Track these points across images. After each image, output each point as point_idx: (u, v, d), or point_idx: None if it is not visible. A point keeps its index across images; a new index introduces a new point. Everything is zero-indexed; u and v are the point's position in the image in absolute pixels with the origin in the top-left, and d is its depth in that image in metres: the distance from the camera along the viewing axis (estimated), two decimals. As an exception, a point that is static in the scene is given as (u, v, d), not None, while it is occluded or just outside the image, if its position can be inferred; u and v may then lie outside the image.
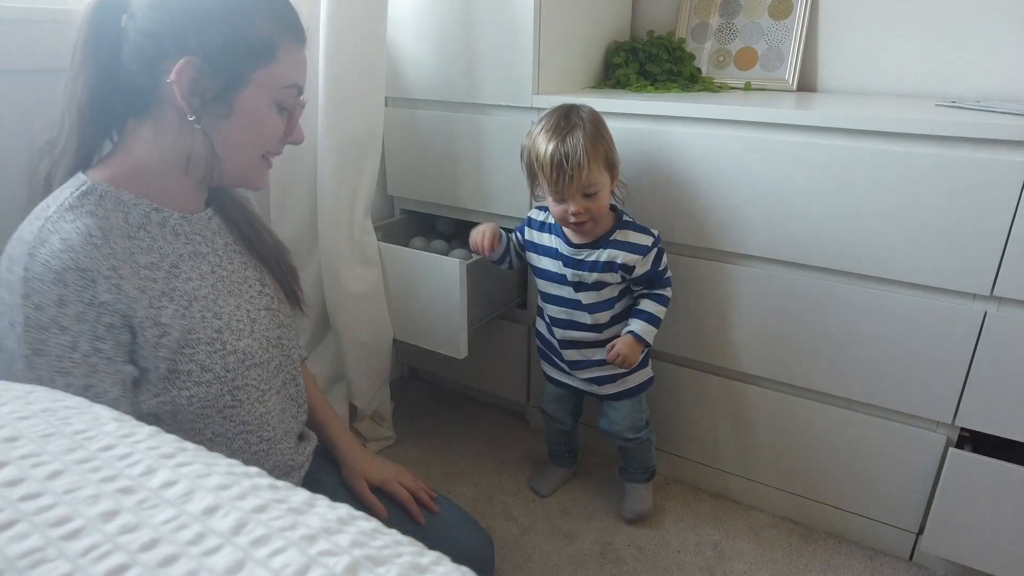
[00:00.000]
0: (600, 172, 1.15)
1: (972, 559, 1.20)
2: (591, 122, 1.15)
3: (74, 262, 0.66)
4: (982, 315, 1.10)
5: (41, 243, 0.66)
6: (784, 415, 1.35)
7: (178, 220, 0.79)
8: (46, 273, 0.65)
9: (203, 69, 0.71)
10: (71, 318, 0.66)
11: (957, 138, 1.05)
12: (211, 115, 0.74)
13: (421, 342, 1.51)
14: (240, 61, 0.73)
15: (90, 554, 0.34)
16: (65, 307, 0.65)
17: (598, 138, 1.14)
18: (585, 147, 1.12)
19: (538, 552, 1.35)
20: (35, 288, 0.65)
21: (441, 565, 0.36)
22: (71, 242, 0.67)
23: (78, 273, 0.66)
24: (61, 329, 0.66)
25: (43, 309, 0.65)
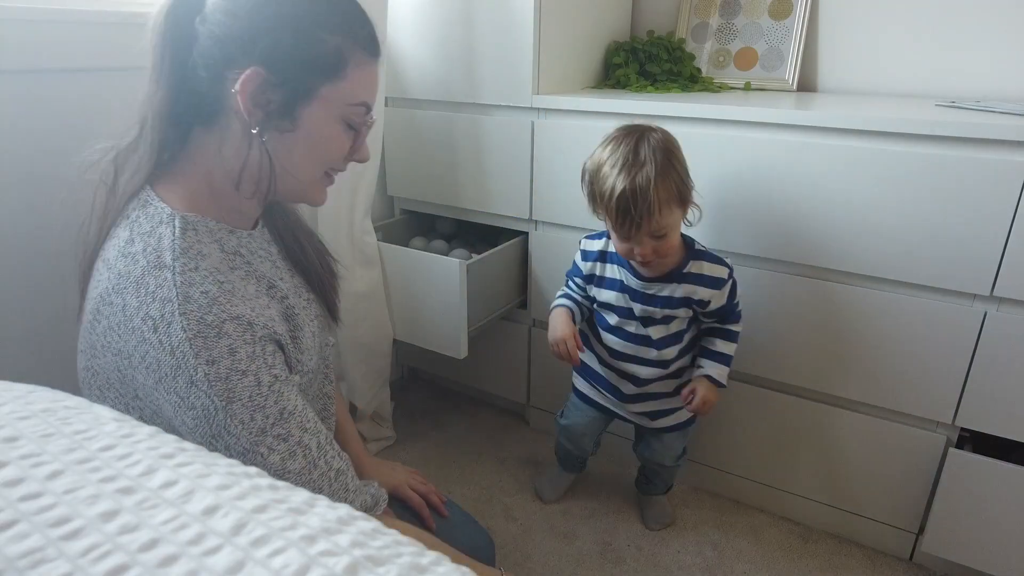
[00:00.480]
0: (671, 213, 1.06)
1: (972, 559, 1.20)
2: (663, 152, 1.04)
3: (226, 312, 0.67)
4: (982, 315, 1.10)
5: (185, 300, 0.66)
6: (784, 415, 1.35)
7: (247, 238, 0.78)
8: (207, 330, 0.66)
9: (268, 80, 0.69)
10: (246, 360, 0.68)
11: (957, 138, 1.05)
12: (274, 128, 0.72)
13: (421, 342, 1.51)
14: (307, 74, 0.71)
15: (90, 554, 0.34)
16: (236, 353, 0.67)
17: (669, 173, 1.04)
18: (655, 188, 1.01)
19: (538, 552, 1.35)
20: (203, 345, 0.65)
21: (441, 565, 0.36)
22: (212, 294, 0.68)
23: (234, 322, 0.68)
24: (242, 374, 0.67)
25: (218, 362, 0.66)
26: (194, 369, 0.65)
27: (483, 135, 1.49)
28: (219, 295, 0.68)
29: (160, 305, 0.66)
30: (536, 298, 1.58)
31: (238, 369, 0.67)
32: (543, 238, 1.52)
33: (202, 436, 0.67)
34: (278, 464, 0.69)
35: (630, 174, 1.02)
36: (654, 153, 1.03)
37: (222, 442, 0.67)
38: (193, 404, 0.67)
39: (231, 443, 0.68)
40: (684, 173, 1.08)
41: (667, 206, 1.04)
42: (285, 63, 0.69)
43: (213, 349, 0.66)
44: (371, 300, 1.48)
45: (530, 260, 1.56)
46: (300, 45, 0.69)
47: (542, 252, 1.53)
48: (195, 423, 0.67)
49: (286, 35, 0.69)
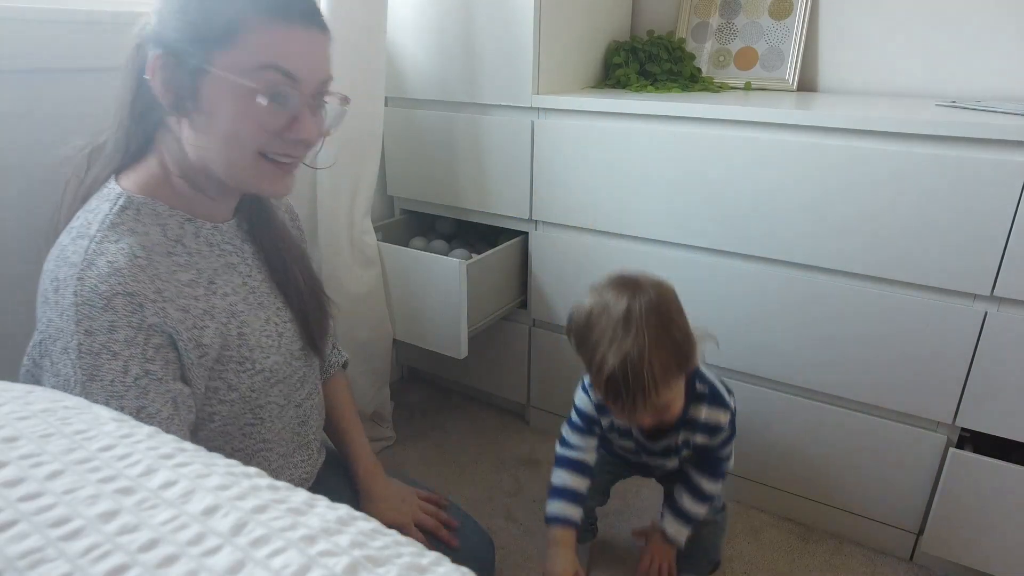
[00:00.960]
0: (670, 387, 0.91)
1: (972, 559, 1.20)
2: (656, 316, 0.89)
3: (122, 286, 0.66)
4: (982, 315, 1.10)
5: (88, 266, 0.66)
6: (784, 415, 1.35)
7: (210, 230, 0.78)
8: (96, 299, 0.65)
9: (168, 61, 0.68)
10: (122, 343, 0.66)
11: (957, 138, 1.05)
12: (188, 111, 0.69)
13: (421, 342, 1.51)
14: (196, 46, 0.67)
15: (90, 554, 0.34)
16: (116, 332, 0.66)
17: (664, 342, 0.88)
18: (650, 368, 0.86)
19: (538, 552, 1.35)
20: (86, 314, 0.65)
21: (441, 566, 0.36)
22: (117, 264, 0.67)
23: (126, 298, 0.66)
24: (113, 355, 0.66)
25: (95, 335, 0.65)
26: (71, 336, 0.65)
27: (483, 135, 1.49)
28: (125, 267, 0.67)
29: (67, 269, 0.67)
30: (536, 298, 1.58)
31: (111, 349, 0.66)
32: (543, 238, 1.52)
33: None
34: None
35: (620, 351, 0.87)
36: (644, 323, 0.87)
37: None
38: (59, 371, 0.66)
39: None
40: (683, 336, 0.91)
41: (665, 382, 0.88)
42: (177, 40, 0.67)
43: (95, 320, 0.65)
44: (371, 300, 1.48)
45: (530, 260, 1.56)
46: (187, 19, 0.67)
47: (542, 252, 1.53)
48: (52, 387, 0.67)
49: (175, 11, 0.68)
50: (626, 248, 1.41)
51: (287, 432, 0.87)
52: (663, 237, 1.35)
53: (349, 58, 1.28)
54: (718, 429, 1.04)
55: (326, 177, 1.35)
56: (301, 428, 0.90)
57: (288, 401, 0.86)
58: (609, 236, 1.42)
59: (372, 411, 1.65)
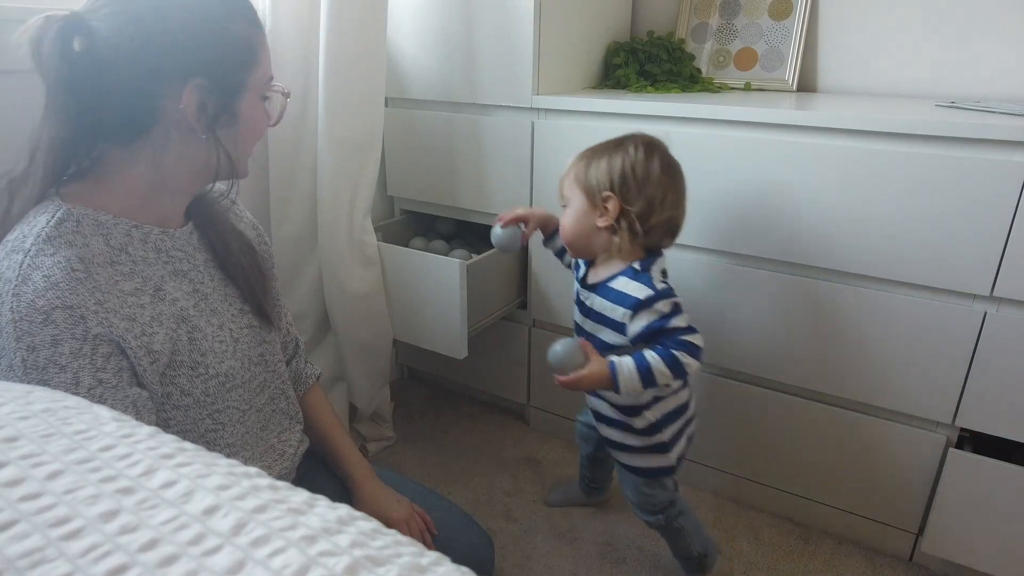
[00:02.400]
0: (572, 187, 1.06)
1: (972, 559, 1.20)
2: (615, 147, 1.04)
3: (60, 300, 0.65)
4: (982, 315, 1.10)
5: (24, 281, 0.65)
6: (784, 415, 1.35)
7: (159, 236, 0.77)
8: (34, 314, 0.64)
9: (205, 88, 0.71)
10: (68, 355, 0.65)
11: (957, 138, 1.05)
12: (220, 127, 0.75)
13: (421, 342, 1.51)
14: (235, 71, 0.74)
15: (90, 554, 0.34)
16: (60, 346, 0.64)
17: (595, 160, 1.04)
18: (583, 158, 1.05)
19: (538, 552, 1.35)
20: (26, 330, 0.64)
21: (441, 565, 0.36)
22: (54, 279, 0.65)
23: (66, 312, 0.65)
24: (60, 368, 0.65)
25: (38, 350, 0.64)
26: (13, 353, 0.64)
27: (483, 135, 1.49)
28: (63, 281, 0.65)
29: (0, 285, 0.65)
30: (536, 298, 1.58)
31: (57, 363, 0.64)
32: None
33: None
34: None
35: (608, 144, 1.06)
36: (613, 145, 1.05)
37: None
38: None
39: None
40: (605, 175, 1.03)
41: (572, 180, 1.06)
42: (216, 69, 0.72)
43: (36, 335, 0.64)
44: (371, 300, 1.48)
45: (530, 260, 1.56)
46: (221, 47, 0.72)
47: (542, 252, 1.53)
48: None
49: (205, 41, 0.71)
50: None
51: (251, 437, 0.86)
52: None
53: (349, 58, 1.28)
54: (633, 300, 1.02)
55: (326, 177, 1.36)
56: (263, 432, 0.89)
57: (249, 406, 0.85)
58: (609, 236, 1.42)
59: (372, 411, 1.65)
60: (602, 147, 1.06)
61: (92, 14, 0.68)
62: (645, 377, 1.00)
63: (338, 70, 1.28)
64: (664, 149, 1.06)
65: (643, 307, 1.02)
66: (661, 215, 1.03)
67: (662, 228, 1.05)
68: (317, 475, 1.00)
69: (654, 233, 1.05)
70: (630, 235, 1.04)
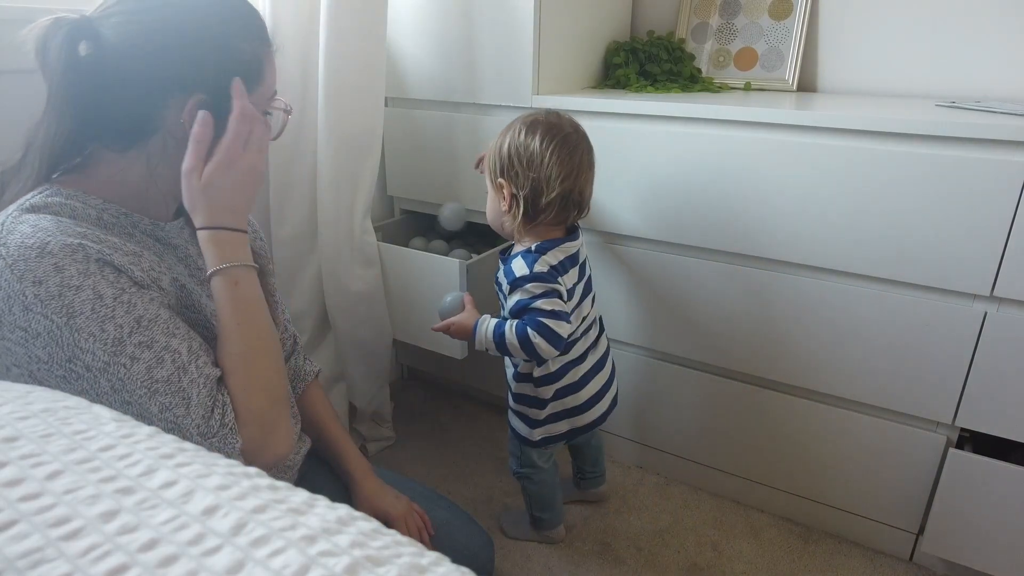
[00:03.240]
0: (490, 175, 1.13)
1: (972, 559, 1.20)
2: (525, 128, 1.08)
3: (51, 236, 0.64)
4: (982, 315, 1.10)
5: (8, 233, 0.64)
6: (784, 415, 1.35)
7: (149, 225, 0.77)
8: (27, 252, 0.63)
9: (207, 103, 0.71)
10: (77, 276, 0.64)
11: (957, 138, 1.05)
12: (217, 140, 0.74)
13: (421, 342, 1.51)
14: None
15: (90, 554, 0.34)
16: (64, 271, 0.63)
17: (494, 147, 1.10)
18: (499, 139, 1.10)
19: (538, 552, 1.35)
20: (25, 268, 0.62)
21: (441, 565, 0.36)
22: (41, 226, 0.64)
23: (59, 243, 0.64)
24: (76, 289, 0.64)
25: (44, 281, 0.63)
26: (21, 293, 0.62)
27: (483, 135, 1.49)
28: (50, 226, 0.65)
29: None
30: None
31: (70, 285, 0.63)
32: (543, 238, 1.51)
33: (59, 363, 0.64)
34: (143, 374, 0.66)
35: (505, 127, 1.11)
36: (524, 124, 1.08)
37: (80, 362, 0.64)
38: (37, 331, 0.64)
39: (89, 361, 0.64)
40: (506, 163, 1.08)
41: (488, 164, 1.12)
42: (219, 85, 0.72)
43: (36, 269, 0.63)
44: (371, 300, 1.48)
45: (530, 260, 1.56)
46: (225, 64, 0.72)
47: (542, 252, 1.53)
48: (48, 352, 0.64)
49: (212, 58, 0.71)
50: (625, 248, 1.41)
51: None
52: (662, 237, 1.35)
53: (349, 58, 1.28)
54: (512, 276, 1.10)
55: (326, 177, 1.36)
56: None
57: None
58: (608, 236, 1.42)
59: (372, 411, 1.65)
60: (503, 130, 1.11)
61: (102, 20, 0.69)
62: (498, 342, 1.10)
63: (338, 70, 1.28)
64: (551, 124, 1.07)
65: (518, 284, 1.09)
66: (550, 194, 1.06)
67: (556, 205, 1.08)
68: (317, 475, 1.00)
69: (549, 210, 1.08)
70: (523, 219, 1.09)
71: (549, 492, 1.33)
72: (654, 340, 1.44)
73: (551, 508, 1.35)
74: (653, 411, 1.51)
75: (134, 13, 0.69)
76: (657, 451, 1.55)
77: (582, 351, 1.21)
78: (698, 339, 1.39)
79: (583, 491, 1.47)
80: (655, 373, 1.47)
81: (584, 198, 1.12)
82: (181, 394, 0.67)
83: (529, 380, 1.20)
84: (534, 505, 1.35)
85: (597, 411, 1.24)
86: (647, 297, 1.41)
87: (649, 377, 1.48)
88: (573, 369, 1.20)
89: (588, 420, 1.23)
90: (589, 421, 1.24)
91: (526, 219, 1.10)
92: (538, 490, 1.33)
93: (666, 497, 1.50)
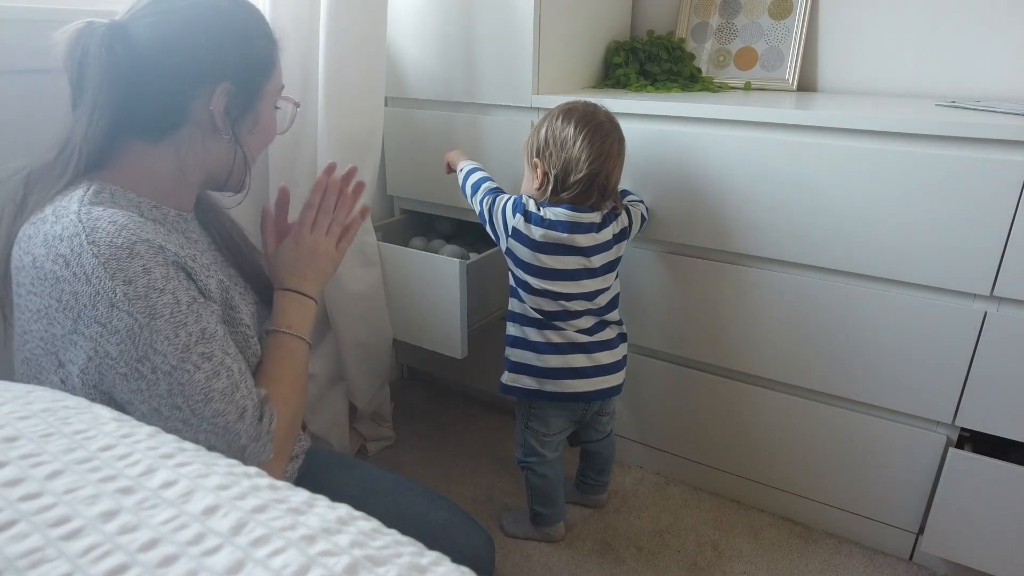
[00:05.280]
0: (526, 152, 1.22)
1: (972, 559, 1.20)
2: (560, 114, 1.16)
3: (135, 235, 0.69)
4: (982, 315, 1.10)
5: (92, 230, 0.68)
6: (784, 415, 1.35)
7: (175, 217, 0.82)
8: (119, 251, 0.67)
9: (232, 92, 0.78)
10: (161, 279, 0.69)
11: (957, 138, 1.05)
12: (243, 130, 0.83)
13: (421, 342, 1.51)
14: (257, 78, 0.81)
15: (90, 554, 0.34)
16: (151, 273, 0.69)
17: (532, 133, 1.20)
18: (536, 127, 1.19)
19: (538, 552, 1.35)
20: (117, 267, 0.67)
21: (441, 565, 0.36)
22: (120, 222, 0.69)
23: (144, 243, 0.69)
24: (160, 291, 0.69)
25: (134, 281, 0.67)
26: (112, 291, 0.67)
27: (483, 135, 1.49)
28: (127, 222, 0.70)
29: (68, 242, 0.68)
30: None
31: (156, 287, 0.69)
32: (543, 238, 1.51)
33: (127, 362, 0.68)
34: (203, 382, 0.71)
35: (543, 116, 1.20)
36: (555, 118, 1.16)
37: (148, 363, 0.68)
38: (117, 328, 0.67)
39: (158, 363, 0.69)
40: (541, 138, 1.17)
41: (527, 147, 1.21)
42: (242, 74, 0.79)
43: (128, 269, 0.67)
44: (370, 300, 1.48)
45: (530, 260, 1.56)
46: (247, 55, 0.80)
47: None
48: (120, 349, 0.68)
49: (236, 49, 0.79)
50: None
51: None
52: (661, 237, 1.35)
53: (349, 58, 1.28)
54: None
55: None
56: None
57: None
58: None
59: (372, 411, 1.65)
60: (542, 118, 1.20)
61: (134, 22, 0.75)
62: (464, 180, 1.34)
63: (338, 70, 1.28)
64: (586, 112, 1.16)
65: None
66: (578, 174, 1.14)
67: (582, 184, 1.15)
68: (318, 474, 1.00)
69: (575, 187, 1.16)
70: (550, 194, 1.19)
71: (551, 487, 1.34)
72: (653, 340, 1.44)
73: (552, 504, 1.35)
74: (653, 411, 1.51)
75: (163, 13, 0.75)
76: (657, 451, 1.55)
77: (550, 321, 1.22)
78: (696, 338, 1.39)
79: (583, 494, 1.47)
80: (655, 373, 1.47)
81: (610, 183, 1.18)
82: (235, 404, 0.74)
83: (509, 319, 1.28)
84: (535, 499, 1.35)
85: (570, 387, 1.24)
86: (644, 297, 1.41)
87: (649, 377, 1.48)
88: (531, 328, 1.23)
89: (559, 391, 1.24)
90: (560, 392, 1.24)
91: (552, 194, 1.18)
92: (540, 483, 1.33)
93: (666, 497, 1.50)
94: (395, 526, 0.40)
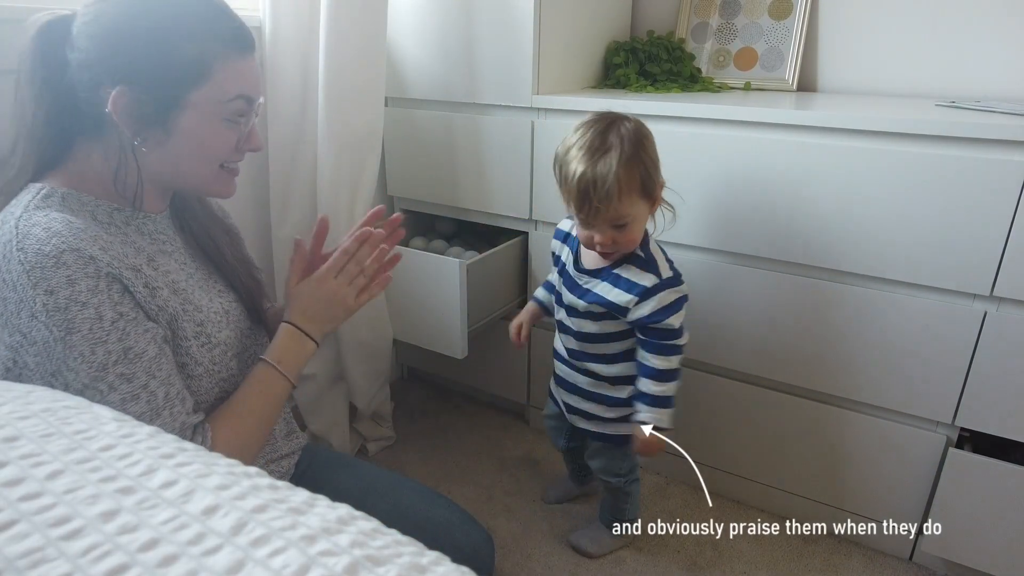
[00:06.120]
0: (633, 203, 1.01)
1: (972, 559, 1.20)
2: (631, 142, 0.99)
3: (66, 243, 0.67)
4: (982, 315, 1.10)
5: (24, 236, 0.67)
6: (784, 415, 1.35)
7: (141, 219, 0.80)
8: (44, 260, 0.66)
9: (136, 96, 0.72)
10: (86, 292, 0.67)
11: (957, 138, 1.05)
12: (151, 138, 0.75)
13: (421, 342, 1.51)
14: (171, 85, 0.73)
15: (90, 554, 0.34)
16: (76, 284, 0.67)
17: (635, 163, 0.99)
18: (617, 175, 0.97)
19: (538, 552, 1.35)
20: (40, 276, 0.66)
21: (441, 565, 0.36)
22: (54, 229, 0.67)
23: (74, 253, 0.67)
24: (82, 305, 0.67)
25: (56, 292, 0.66)
26: (32, 300, 0.66)
27: (483, 135, 1.49)
28: (62, 229, 0.68)
29: (1, 248, 0.67)
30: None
31: (78, 300, 0.67)
32: (543, 238, 1.52)
33: (42, 375, 0.67)
34: (117, 404, 0.68)
35: (593, 158, 0.98)
36: (622, 141, 0.99)
37: (61, 379, 0.67)
38: (35, 339, 0.67)
39: (70, 379, 0.67)
40: (652, 166, 1.02)
41: (628, 195, 0.99)
42: (147, 78, 0.72)
43: (51, 279, 0.66)
44: (371, 300, 1.47)
45: (530, 260, 1.56)
46: (157, 59, 0.72)
47: (542, 252, 1.53)
48: (36, 360, 0.67)
49: (142, 52, 0.72)
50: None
51: None
52: (661, 236, 1.35)
53: (349, 58, 1.28)
54: (639, 288, 1.06)
55: (326, 177, 1.36)
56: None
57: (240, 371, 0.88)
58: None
59: (372, 411, 1.65)
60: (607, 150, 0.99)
61: (78, 17, 0.73)
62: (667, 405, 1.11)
63: (338, 69, 1.28)
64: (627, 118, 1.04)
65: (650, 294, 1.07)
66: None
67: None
68: (317, 473, 1.00)
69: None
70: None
71: (639, 492, 1.35)
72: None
73: (639, 506, 1.37)
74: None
75: (99, 11, 0.72)
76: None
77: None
78: (696, 338, 1.39)
79: (582, 485, 1.48)
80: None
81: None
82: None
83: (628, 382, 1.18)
84: (630, 510, 1.33)
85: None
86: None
87: (649, 377, 1.48)
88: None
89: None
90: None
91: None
92: (637, 491, 1.33)
93: (666, 496, 1.50)
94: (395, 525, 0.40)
